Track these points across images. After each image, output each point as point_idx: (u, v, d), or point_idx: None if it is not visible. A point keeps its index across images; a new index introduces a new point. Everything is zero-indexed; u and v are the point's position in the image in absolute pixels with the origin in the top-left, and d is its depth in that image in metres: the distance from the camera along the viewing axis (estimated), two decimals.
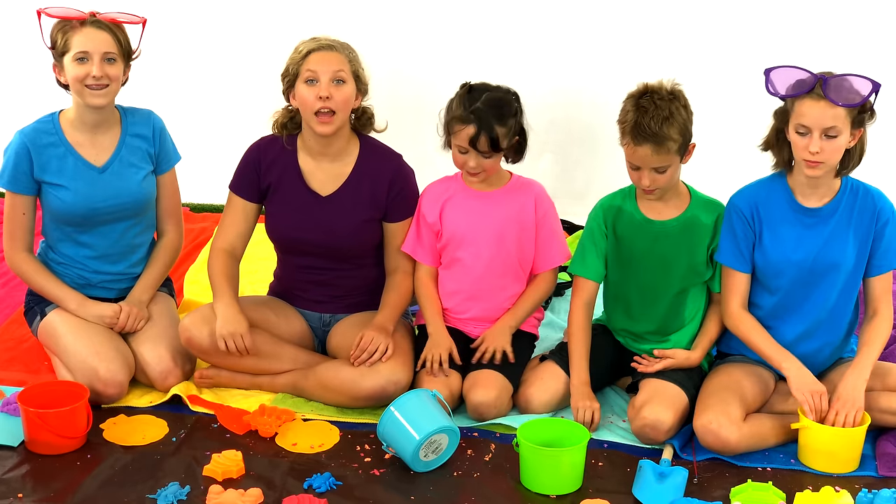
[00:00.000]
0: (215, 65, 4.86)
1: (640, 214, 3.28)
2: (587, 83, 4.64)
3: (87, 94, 3.30)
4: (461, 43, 4.68)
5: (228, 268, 3.39)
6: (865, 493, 2.90)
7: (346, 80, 3.26)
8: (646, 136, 3.10)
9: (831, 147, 2.99)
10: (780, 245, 3.15)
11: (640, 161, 3.15)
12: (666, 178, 3.17)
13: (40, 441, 3.03)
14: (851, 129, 3.01)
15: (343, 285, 3.46)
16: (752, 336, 3.20)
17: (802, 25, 4.49)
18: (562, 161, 4.74)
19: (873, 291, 3.19)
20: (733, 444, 3.05)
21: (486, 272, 3.39)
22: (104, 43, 3.28)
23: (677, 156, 3.15)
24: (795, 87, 3.02)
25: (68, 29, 3.28)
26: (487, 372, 3.30)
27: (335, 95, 3.24)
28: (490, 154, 3.27)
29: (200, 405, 3.29)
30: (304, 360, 3.41)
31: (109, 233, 3.43)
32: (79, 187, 3.36)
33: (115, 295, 3.50)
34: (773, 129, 3.14)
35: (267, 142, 3.43)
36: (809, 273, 3.15)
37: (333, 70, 3.25)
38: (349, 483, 2.96)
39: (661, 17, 4.58)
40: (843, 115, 2.98)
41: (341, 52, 3.29)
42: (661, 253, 3.27)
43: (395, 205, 3.39)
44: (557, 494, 2.94)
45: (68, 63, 3.28)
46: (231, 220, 3.44)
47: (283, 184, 3.38)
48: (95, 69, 3.26)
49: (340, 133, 3.34)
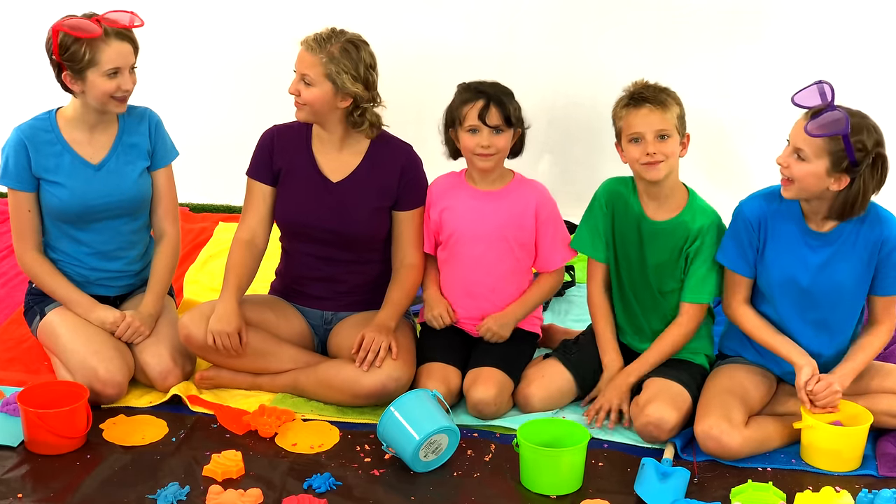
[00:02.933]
0: (215, 65, 4.86)
1: (639, 207, 3.28)
2: (587, 83, 4.63)
3: (113, 105, 3.31)
4: (461, 43, 4.68)
5: (243, 260, 3.39)
6: (865, 494, 2.90)
7: (313, 83, 3.27)
8: (645, 98, 3.15)
9: (797, 168, 2.97)
10: (782, 261, 3.13)
11: (641, 125, 3.14)
12: (668, 148, 3.15)
13: (40, 441, 3.03)
14: (831, 168, 2.96)
15: (347, 281, 3.45)
16: (757, 330, 3.19)
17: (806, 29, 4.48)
18: (562, 161, 4.74)
19: (876, 306, 3.18)
20: (735, 450, 3.05)
21: (485, 271, 3.39)
22: (130, 55, 3.30)
23: (677, 130, 3.15)
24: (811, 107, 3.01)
25: (93, 43, 3.23)
26: (488, 369, 3.30)
27: (302, 94, 3.29)
28: (502, 128, 3.28)
29: (200, 405, 3.29)
30: (305, 359, 3.40)
31: (106, 230, 3.43)
32: (75, 185, 3.36)
33: (116, 293, 3.50)
34: None
35: (281, 128, 3.45)
36: (809, 295, 3.13)
37: (302, 71, 3.29)
38: (349, 483, 2.96)
39: (660, 16, 4.57)
40: (816, 147, 2.95)
41: (319, 53, 3.27)
42: (646, 252, 3.28)
43: (406, 193, 3.40)
44: (557, 495, 2.93)
45: (96, 77, 3.25)
46: (250, 206, 3.45)
47: (295, 168, 3.39)
48: (127, 83, 3.29)
49: (340, 124, 3.34)
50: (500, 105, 3.27)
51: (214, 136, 4.80)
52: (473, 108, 3.27)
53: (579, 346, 3.41)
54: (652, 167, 3.16)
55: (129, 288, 3.53)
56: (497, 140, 3.29)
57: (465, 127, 3.30)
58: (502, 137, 3.30)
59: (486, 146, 3.29)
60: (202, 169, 4.41)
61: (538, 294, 3.45)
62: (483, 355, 3.36)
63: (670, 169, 3.19)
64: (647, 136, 3.14)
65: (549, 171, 4.72)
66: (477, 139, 3.29)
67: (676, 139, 3.17)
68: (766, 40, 4.50)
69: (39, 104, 3.47)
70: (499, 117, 3.27)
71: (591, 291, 3.40)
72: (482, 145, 3.28)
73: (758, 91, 4.52)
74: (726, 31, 4.54)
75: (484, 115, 3.26)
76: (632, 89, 3.21)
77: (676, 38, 4.57)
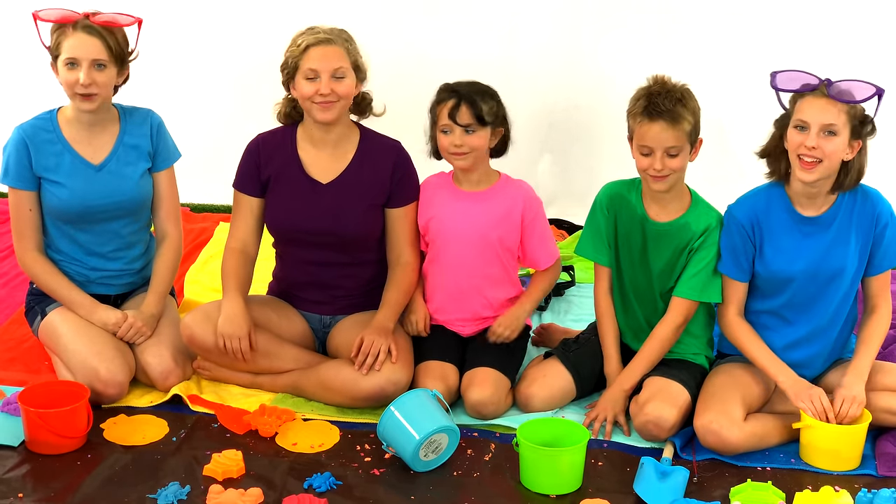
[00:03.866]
0: (216, 65, 4.86)
1: (642, 210, 3.28)
2: (587, 84, 4.64)
3: (78, 100, 3.30)
4: (462, 47, 4.67)
5: (240, 266, 3.39)
6: (865, 493, 2.90)
7: (345, 74, 3.27)
8: (660, 112, 3.10)
9: (829, 146, 2.99)
10: (782, 256, 3.14)
11: (653, 141, 3.13)
12: (677, 164, 3.15)
13: (40, 441, 3.03)
14: (850, 137, 3.01)
15: (343, 284, 3.45)
16: (748, 345, 3.20)
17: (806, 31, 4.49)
18: (562, 161, 4.74)
19: (872, 289, 3.20)
20: (734, 444, 3.05)
21: (471, 272, 3.39)
22: (93, 49, 3.26)
23: (688, 142, 3.15)
24: (801, 88, 3.05)
25: (61, 32, 3.27)
26: (483, 369, 3.30)
27: (336, 89, 3.26)
28: (473, 126, 3.27)
29: (200, 405, 3.29)
30: (305, 359, 3.41)
31: (105, 231, 3.43)
32: (75, 185, 3.36)
33: (116, 291, 3.50)
34: (774, 138, 3.15)
35: (265, 136, 3.44)
36: (814, 283, 3.14)
37: (333, 67, 3.26)
38: (349, 483, 2.96)
39: (661, 19, 4.58)
40: (844, 117, 2.99)
41: (339, 44, 3.28)
42: (650, 254, 3.28)
43: (399, 189, 3.39)
44: (557, 494, 2.94)
45: (60, 66, 3.29)
46: (239, 218, 3.44)
47: (283, 174, 3.38)
48: (83, 76, 3.25)
49: (341, 119, 3.35)
50: (470, 104, 3.25)
51: (215, 136, 4.80)
52: (445, 107, 3.28)
53: (579, 344, 3.41)
54: (658, 180, 3.17)
55: (130, 286, 3.53)
56: (470, 139, 3.28)
57: (440, 126, 3.31)
58: (475, 137, 3.29)
59: (459, 145, 3.28)
60: (203, 169, 4.41)
61: (538, 292, 3.45)
62: (477, 356, 3.37)
63: (677, 180, 3.20)
64: (657, 153, 3.13)
65: (550, 172, 4.72)
66: (450, 138, 3.29)
67: (687, 151, 3.16)
68: (766, 42, 4.50)
69: (39, 104, 3.47)
70: (469, 116, 3.26)
71: (597, 297, 3.39)
72: (455, 144, 3.29)
73: (758, 92, 4.50)
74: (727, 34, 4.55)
75: (454, 114, 3.26)
76: (650, 90, 3.15)
77: (677, 40, 4.57)
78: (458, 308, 3.43)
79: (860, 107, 3.02)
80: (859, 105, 3.01)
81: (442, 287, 3.43)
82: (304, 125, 3.40)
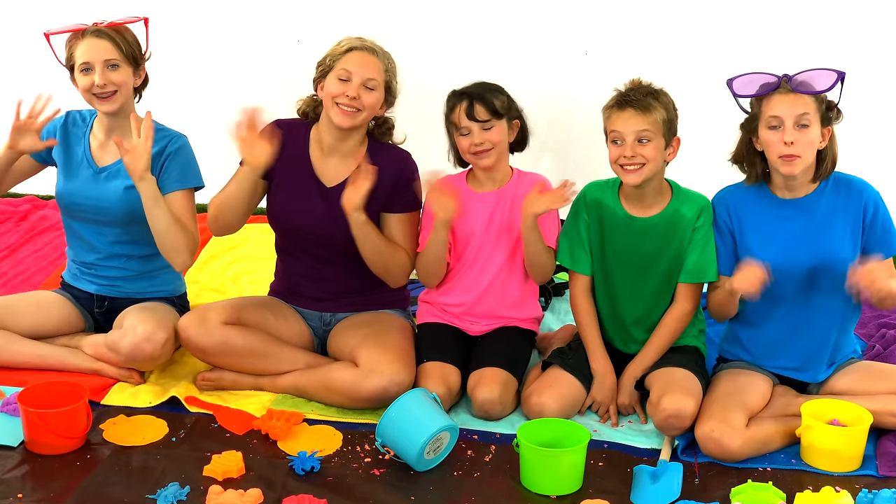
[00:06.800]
0: (217, 65, 4.86)
1: (623, 211, 3.28)
2: (587, 84, 4.64)
3: (97, 103, 3.39)
4: (461, 44, 4.68)
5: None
6: (865, 493, 2.90)
7: (376, 87, 3.29)
8: (629, 102, 3.15)
9: (805, 139, 3.01)
10: (763, 240, 3.15)
11: (623, 125, 3.14)
12: (649, 152, 3.14)
13: (40, 441, 3.03)
14: (821, 126, 3.03)
15: (343, 282, 3.46)
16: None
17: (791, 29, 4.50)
18: (562, 161, 4.74)
19: None
20: (735, 452, 3.04)
21: (495, 270, 3.41)
22: (104, 51, 3.34)
23: (661, 134, 3.15)
24: (762, 89, 3.07)
25: (73, 43, 3.38)
26: (490, 369, 3.30)
27: (363, 98, 3.27)
28: (490, 122, 3.29)
29: (198, 406, 3.29)
30: (305, 360, 3.40)
31: (92, 233, 3.50)
32: (71, 177, 3.46)
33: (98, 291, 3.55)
34: (742, 142, 3.16)
35: (286, 121, 3.43)
36: (799, 271, 3.13)
37: (367, 75, 3.28)
38: (349, 483, 2.96)
39: (660, 19, 4.58)
40: (813, 105, 3.02)
41: (381, 59, 3.32)
42: (644, 250, 3.27)
43: (398, 195, 3.39)
44: (557, 495, 2.94)
45: (77, 75, 3.39)
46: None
47: (291, 169, 3.39)
48: (97, 77, 3.33)
49: (356, 132, 3.35)
50: (482, 100, 3.29)
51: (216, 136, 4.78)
52: (460, 109, 3.31)
53: (573, 350, 3.41)
54: (630, 172, 3.16)
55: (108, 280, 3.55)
56: (489, 135, 3.30)
57: (458, 130, 3.33)
58: (494, 132, 3.31)
59: (479, 143, 3.30)
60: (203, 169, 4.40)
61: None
62: (484, 355, 3.36)
63: (651, 174, 3.18)
64: (627, 139, 3.14)
65: (550, 171, 4.69)
66: (469, 139, 3.31)
67: (659, 143, 3.16)
68: (765, 42, 4.50)
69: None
70: (484, 112, 3.29)
71: (575, 300, 3.38)
72: (475, 143, 3.30)
73: None
74: (727, 33, 4.54)
75: (471, 114, 3.29)
76: (622, 89, 3.21)
77: (676, 38, 4.57)
78: (485, 307, 3.44)
79: (824, 94, 3.05)
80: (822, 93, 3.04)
81: (470, 289, 3.44)
82: (317, 127, 3.41)
